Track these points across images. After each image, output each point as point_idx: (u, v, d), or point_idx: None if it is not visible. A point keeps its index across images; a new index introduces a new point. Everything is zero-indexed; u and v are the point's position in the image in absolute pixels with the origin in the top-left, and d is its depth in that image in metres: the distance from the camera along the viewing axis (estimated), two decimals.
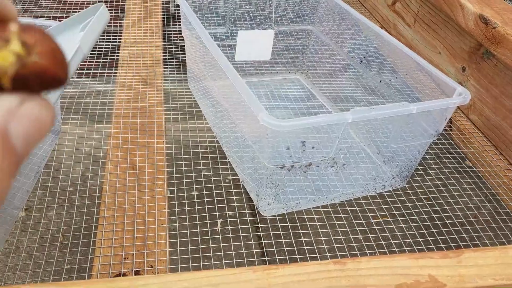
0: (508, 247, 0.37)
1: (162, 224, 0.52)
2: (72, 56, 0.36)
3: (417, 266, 0.35)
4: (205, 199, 0.56)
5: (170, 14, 0.99)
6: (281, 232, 0.52)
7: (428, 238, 0.53)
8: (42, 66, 0.14)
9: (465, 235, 0.54)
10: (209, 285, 0.32)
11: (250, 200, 0.56)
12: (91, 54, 0.83)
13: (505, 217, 0.59)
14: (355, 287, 0.33)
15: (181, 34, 0.93)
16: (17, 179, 0.54)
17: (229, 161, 0.61)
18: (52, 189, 0.56)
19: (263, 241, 0.51)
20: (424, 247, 0.52)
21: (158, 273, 0.47)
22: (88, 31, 0.39)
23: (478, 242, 0.54)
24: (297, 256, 0.52)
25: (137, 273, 0.47)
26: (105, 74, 0.79)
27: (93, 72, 0.80)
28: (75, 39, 0.41)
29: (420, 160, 0.62)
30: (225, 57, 0.51)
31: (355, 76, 0.71)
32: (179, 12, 0.69)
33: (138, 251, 0.49)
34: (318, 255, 0.51)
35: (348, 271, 0.34)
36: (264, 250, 0.50)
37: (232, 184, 0.58)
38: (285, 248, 0.51)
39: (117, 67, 0.79)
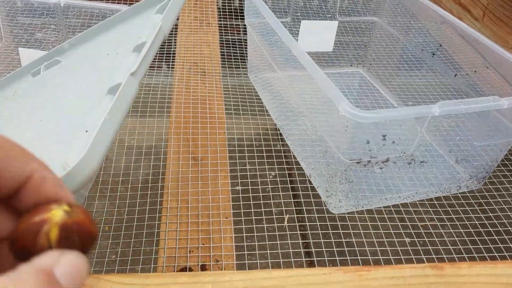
0: None
1: (226, 218, 0.50)
2: (154, 36, 0.34)
3: None
4: (271, 193, 0.54)
5: (226, 7, 0.97)
6: (341, 231, 0.49)
7: (500, 245, 0.50)
8: (81, 220, 0.18)
9: None
10: (299, 285, 0.30)
11: (313, 196, 0.53)
12: None
13: None
14: None
15: (237, 27, 0.91)
16: None
17: (293, 155, 0.58)
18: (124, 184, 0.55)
19: (332, 240, 0.48)
20: (486, 254, 0.48)
21: (224, 268, 0.45)
22: (168, 11, 0.37)
23: None
24: (348, 258, 0.49)
25: (203, 267, 0.45)
26: (163, 67, 0.78)
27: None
28: (152, 20, 0.39)
29: (504, 161, 0.58)
30: (300, 46, 0.49)
31: (424, 70, 0.67)
32: (233, 5, 0.67)
33: (203, 244, 0.47)
34: (381, 257, 0.48)
35: (447, 277, 0.31)
36: (335, 249, 0.47)
37: (298, 179, 0.56)
38: (356, 248, 0.48)
39: (174, 58, 0.78)
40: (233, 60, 0.80)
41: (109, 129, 0.28)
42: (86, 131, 0.29)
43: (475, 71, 0.59)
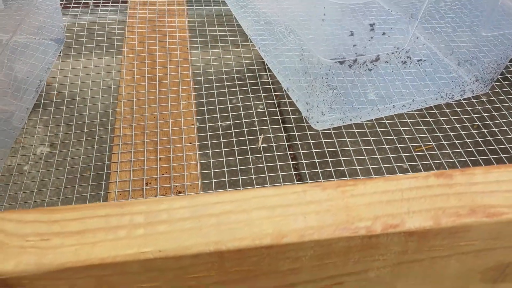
0: None
1: (190, 143, 0.42)
2: None
3: None
4: (242, 112, 0.46)
5: None
6: (325, 150, 0.42)
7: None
8: None
9: None
10: (262, 208, 0.22)
11: (291, 112, 0.45)
12: None
13: None
14: (471, 209, 0.23)
15: None
16: (16, 95, 0.45)
17: (267, 68, 0.50)
18: (79, 126, 0.46)
19: (316, 160, 0.41)
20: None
21: None
22: None
23: None
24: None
25: None
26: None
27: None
28: None
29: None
30: None
31: None
32: None
33: (163, 174, 0.39)
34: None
35: (458, 187, 0.24)
36: (306, 171, 0.40)
37: (276, 93, 0.47)
38: (344, 168, 0.41)
39: None
40: None
41: None
42: None
43: None
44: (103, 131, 0.47)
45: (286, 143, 0.44)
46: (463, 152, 0.43)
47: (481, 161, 0.42)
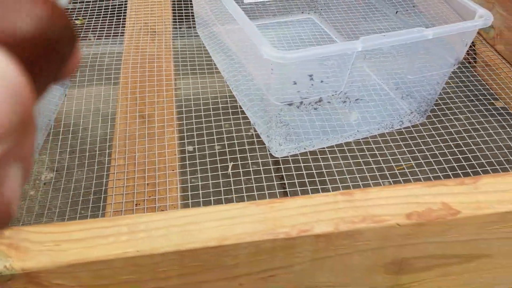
0: None
1: (173, 170, 0.51)
2: None
3: (430, 194, 0.33)
4: (216, 150, 0.55)
5: None
6: (294, 173, 0.51)
7: (449, 173, 0.51)
8: None
9: (483, 161, 0.52)
10: (213, 220, 0.31)
11: (260, 142, 0.54)
12: (97, 14, 0.82)
13: None
14: (363, 217, 0.32)
15: None
16: None
17: (239, 105, 0.59)
18: (81, 152, 0.55)
19: (275, 183, 0.50)
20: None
21: None
22: None
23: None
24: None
25: None
26: (112, 34, 0.77)
27: (106, 34, 0.78)
28: None
29: (441, 95, 0.59)
30: None
31: (369, 10, 0.67)
32: None
33: (150, 197, 0.48)
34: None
35: (356, 202, 0.32)
36: (277, 191, 0.49)
37: (243, 127, 0.57)
38: (298, 188, 0.50)
39: (125, 20, 0.77)
40: (184, 17, 0.79)
41: None
42: None
43: (413, 6, 0.59)
44: (103, 157, 0.56)
45: (272, 167, 0.53)
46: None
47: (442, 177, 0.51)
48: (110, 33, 0.76)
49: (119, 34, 0.75)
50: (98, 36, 0.77)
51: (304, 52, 0.41)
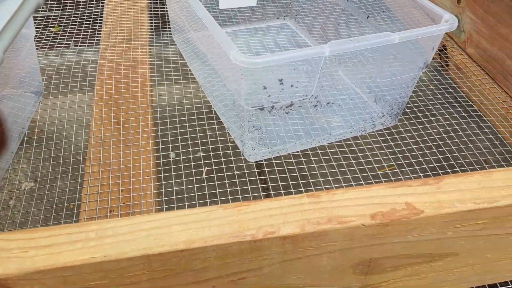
0: (491, 170, 0.36)
1: (147, 176, 0.51)
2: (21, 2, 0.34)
3: (394, 194, 0.34)
4: (190, 149, 0.55)
5: None
6: (267, 177, 0.51)
7: (421, 174, 0.52)
8: None
9: (454, 162, 0.53)
10: (180, 224, 0.31)
11: (234, 147, 0.55)
12: (73, 21, 0.82)
13: (501, 148, 0.57)
14: (328, 218, 0.32)
15: None
16: None
17: (214, 111, 0.60)
18: (57, 160, 0.55)
19: (249, 187, 0.50)
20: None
21: None
22: None
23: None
24: None
25: None
26: (87, 41, 0.77)
27: (81, 40, 0.78)
28: None
29: (413, 98, 0.60)
30: (200, 3, 0.49)
31: (344, 15, 0.68)
32: None
33: (124, 203, 0.48)
34: None
35: (322, 203, 0.33)
36: (251, 195, 0.49)
37: (218, 132, 0.57)
38: (271, 192, 0.50)
39: (101, 26, 0.77)
40: (160, 23, 0.79)
41: None
42: None
43: (383, 11, 0.60)
44: (78, 165, 0.56)
45: (256, 170, 0.53)
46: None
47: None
48: (86, 40, 0.76)
49: (95, 42, 0.75)
50: (74, 43, 0.77)
51: (273, 57, 0.41)
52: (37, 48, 0.71)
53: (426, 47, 0.50)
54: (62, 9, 0.83)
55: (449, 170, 0.53)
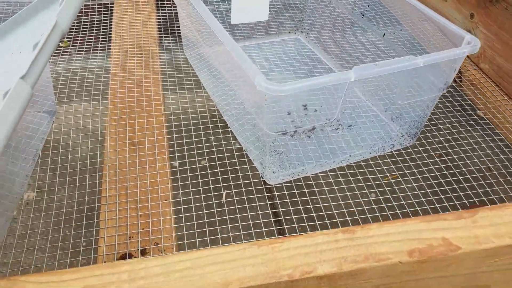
0: None
1: (166, 200, 0.50)
2: (48, 34, 0.33)
3: (430, 229, 0.33)
4: (209, 171, 0.54)
5: None
6: (288, 200, 0.51)
7: (441, 196, 0.52)
8: None
9: (479, 190, 0.52)
10: (214, 263, 0.31)
11: (254, 169, 0.54)
12: (84, 28, 0.81)
13: None
14: (365, 256, 0.32)
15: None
16: (15, 163, 0.53)
17: (231, 130, 0.59)
18: (62, 169, 0.55)
19: (269, 211, 0.49)
20: (437, 205, 0.50)
21: (164, 250, 0.46)
22: (64, 5, 0.36)
23: (493, 197, 0.52)
24: (306, 224, 0.51)
25: (143, 252, 0.46)
26: (99, 48, 0.76)
27: (86, 48, 0.77)
28: (53, 15, 0.38)
29: (430, 115, 0.59)
30: (217, 20, 0.49)
31: (358, 32, 0.68)
32: None
33: (143, 229, 0.48)
34: (327, 221, 0.50)
35: (358, 240, 0.32)
36: (272, 219, 0.49)
37: (235, 153, 0.56)
38: (293, 216, 0.50)
39: (110, 40, 0.76)
40: (170, 36, 0.79)
41: None
42: None
43: (400, 30, 0.60)
44: (85, 174, 0.55)
45: (263, 186, 0.53)
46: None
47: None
48: (90, 47, 0.75)
49: (99, 48, 0.74)
50: (78, 50, 0.76)
51: (298, 84, 0.40)
52: None
53: (447, 69, 0.49)
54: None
55: (480, 199, 0.53)
